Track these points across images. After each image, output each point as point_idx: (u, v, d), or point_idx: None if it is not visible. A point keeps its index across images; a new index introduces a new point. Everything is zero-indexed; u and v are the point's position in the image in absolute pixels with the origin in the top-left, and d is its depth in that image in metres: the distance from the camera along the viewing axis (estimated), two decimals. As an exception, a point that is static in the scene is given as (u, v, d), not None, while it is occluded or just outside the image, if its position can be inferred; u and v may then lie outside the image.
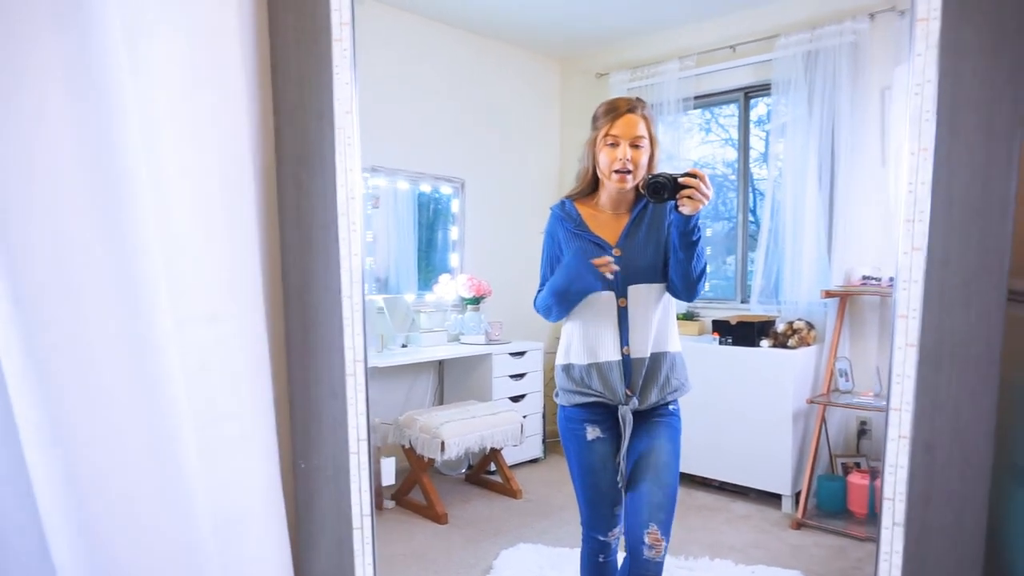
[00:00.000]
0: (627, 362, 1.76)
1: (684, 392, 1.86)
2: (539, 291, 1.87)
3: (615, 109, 1.74)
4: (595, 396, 1.78)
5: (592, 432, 1.80)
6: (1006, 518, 1.28)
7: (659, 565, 1.68)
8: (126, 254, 1.17)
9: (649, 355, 1.78)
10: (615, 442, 1.81)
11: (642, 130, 1.73)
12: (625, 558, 1.75)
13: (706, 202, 1.62)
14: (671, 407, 1.84)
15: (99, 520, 1.20)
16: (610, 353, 1.77)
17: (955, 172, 1.19)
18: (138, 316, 1.20)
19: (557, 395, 1.89)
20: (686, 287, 1.75)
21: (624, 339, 1.76)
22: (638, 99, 1.77)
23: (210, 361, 1.30)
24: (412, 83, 4.12)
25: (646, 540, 1.66)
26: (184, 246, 1.26)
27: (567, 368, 1.83)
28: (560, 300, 1.76)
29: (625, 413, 1.75)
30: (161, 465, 1.25)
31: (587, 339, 1.79)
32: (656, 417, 1.81)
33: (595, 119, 1.79)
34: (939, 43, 1.17)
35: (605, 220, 1.82)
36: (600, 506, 1.82)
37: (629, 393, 1.76)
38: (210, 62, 1.27)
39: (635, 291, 1.76)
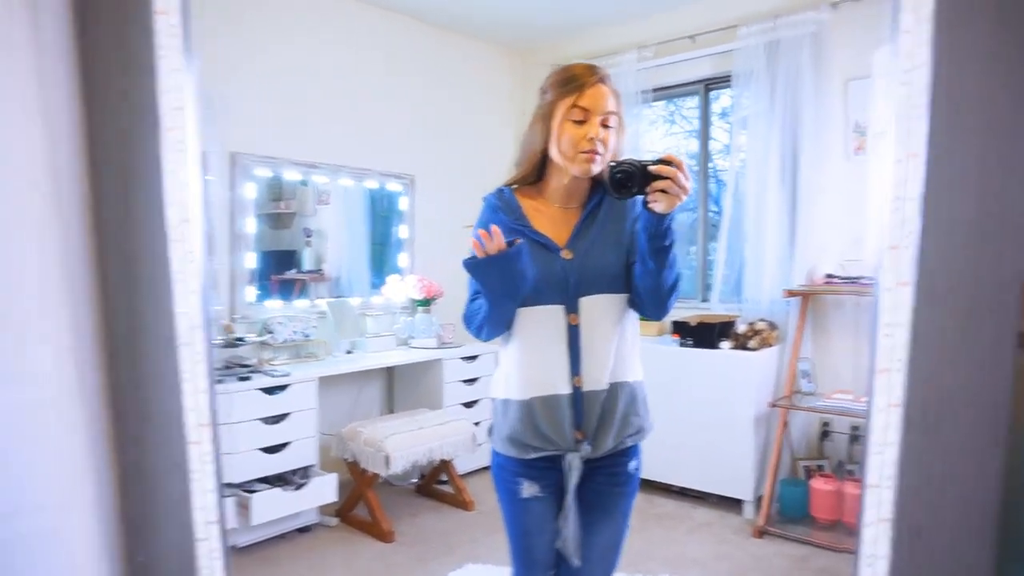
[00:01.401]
0: (578, 397, 1.35)
1: (645, 435, 1.45)
2: (469, 301, 1.46)
3: (578, 77, 1.32)
4: (535, 451, 1.38)
5: (528, 489, 1.41)
6: (1013, 620, 0.99)
7: None
8: None
9: (607, 386, 1.37)
10: (556, 500, 1.43)
11: (613, 105, 1.34)
12: None
13: (684, 197, 1.22)
14: (632, 464, 1.45)
15: None
16: (557, 385, 1.35)
17: (952, 185, 0.87)
18: None
19: (490, 432, 1.50)
20: (655, 302, 1.34)
21: (575, 367, 1.35)
22: (599, 66, 1.36)
23: (8, 436, 0.96)
24: (354, 73, 3.73)
25: None
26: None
27: (504, 405, 1.43)
28: (490, 312, 1.35)
29: (572, 460, 1.37)
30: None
31: (528, 367, 1.38)
32: (616, 486, 1.43)
33: (547, 90, 1.37)
34: (934, 15, 0.85)
35: (552, 215, 1.41)
36: (533, 569, 1.47)
37: (579, 437, 1.37)
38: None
39: (589, 304, 1.35)
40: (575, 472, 1.37)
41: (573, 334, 1.35)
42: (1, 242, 0.93)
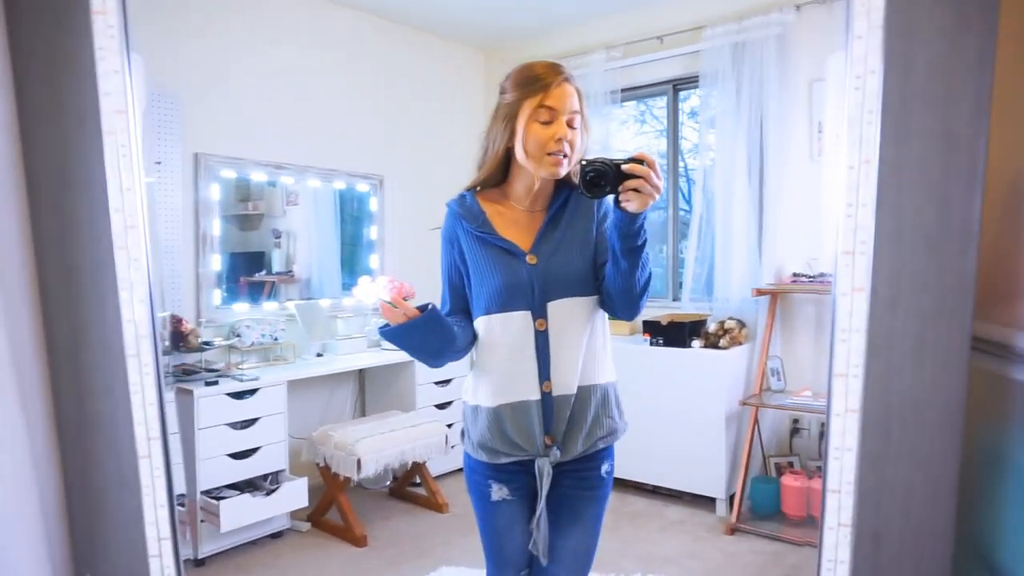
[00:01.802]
0: (547, 402, 1.34)
1: (618, 436, 1.44)
2: (444, 311, 1.44)
3: (542, 77, 1.28)
4: (504, 456, 1.37)
5: (498, 492, 1.40)
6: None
7: None
8: None
9: (575, 391, 1.35)
10: (526, 503, 1.42)
11: (577, 104, 1.30)
12: None
13: (657, 196, 1.19)
14: (604, 468, 1.43)
15: None
16: (526, 391, 1.33)
17: (905, 190, 0.87)
18: None
19: (462, 435, 1.48)
20: (627, 303, 1.31)
21: (544, 372, 1.33)
22: (562, 65, 1.33)
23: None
24: (320, 72, 3.67)
25: None
26: None
27: (474, 411, 1.42)
28: (429, 363, 1.37)
29: (543, 466, 1.35)
30: None
31: (496, 373, 1.36)
32: (587, 491, 1.41)
33: (507, 90, 1.33)
34: (884, 23, 0.84)
35: (517, 218, 1.39)
36: (504, 569, 1.46)
37: (548, 442, 1.35)
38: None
39: (557, 309, 1.32)
40: (546, 478, 1.35)
41: (541, 340, 1.33)
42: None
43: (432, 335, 1.30)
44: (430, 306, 1.28)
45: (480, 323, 1.38)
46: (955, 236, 0.87)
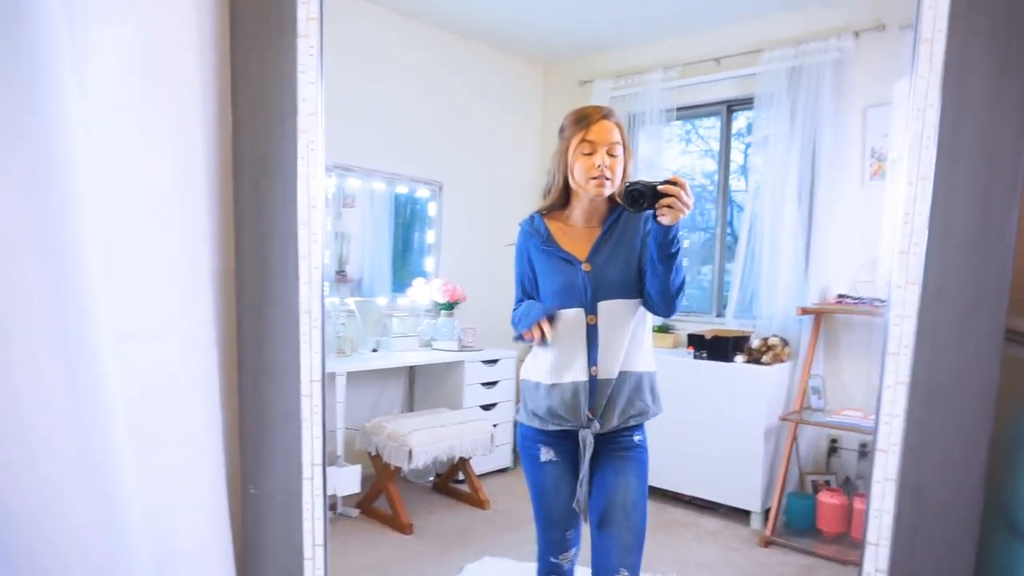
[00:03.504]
0: (593, 383, 1.66)
1: (649, 416, 1.74)
2: (515, 307, 1.79)
3: (586, 116, 1.64)
4: (553, 425, 1.69)
5: (546, 454, 1.72)
6: (992, 570, 1.21)
7: None
8: (59, 263, 1.04)
9: (616, 375, 1.67)
10: (570, 466, 1.72)
11: (616, 136, 1.64)
12: None
13: (687, 211, 1.50)
14: (636, 438, 1.73)
15: (26, 561, 1.08)
16: (577, 374, 1.66)
17: (954, 202, 1.11)
18: (73, 332, 1.07)
19: (518, 410, 1.81)
20: (664, 302, 1.64)
21: (592, 359, 1.65)
22: (606, 107, 1.69)
23: (153, 381, 1.18)
24: (391, 82, 3.99)
25: None
26: (128, 255, 1.14)
27: (535, 387, 1.74)
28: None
29: (585, 436, 1.66)
30: (97, 497, 1.12)
31: (554, 358, 1.68)
32: (623, 451, 1.70)
33: (564, 129, 1.69)
34: (943, 67, 1.09)
35: (576, 234, 1.73)
36: (551, 530, 1.75)
37: (590, 416, 1.66)
38: (162, 55, 1.15)
39: (606, 308, 1.65)
40: (588, 446, 1.66)
41: (591, 332, 1.66)
42: (170, 223, 1.16)
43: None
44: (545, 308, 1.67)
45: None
46: (994, 241, 1.10)
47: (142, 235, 1.17)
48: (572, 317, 1.66)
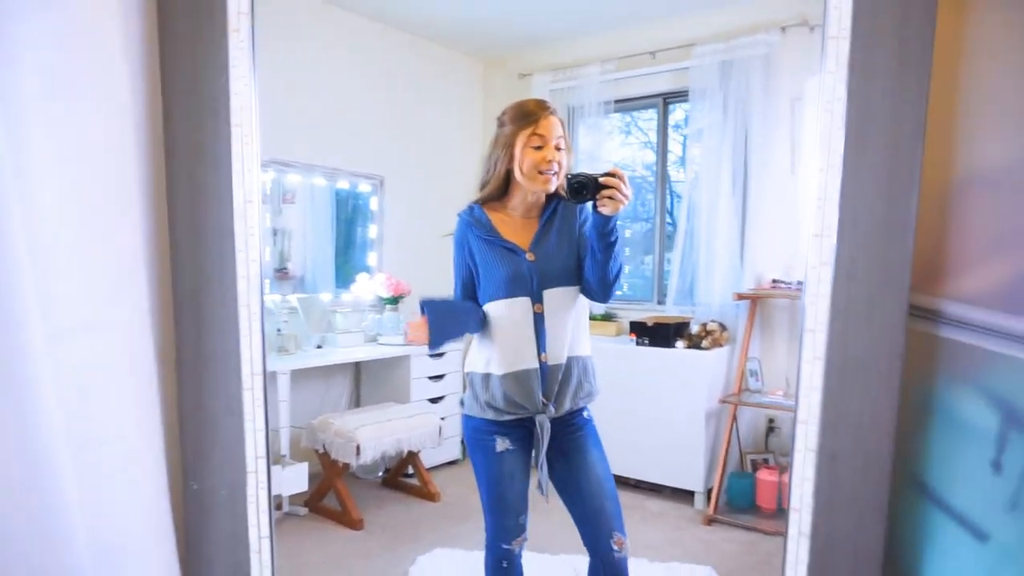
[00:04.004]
0: (544, 369, 1.71)
1: (594, 398, 1.82)
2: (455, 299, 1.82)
3: (533, 112, 1.69)
4: (510, 414, 1.73)
5: (502, 444, 1.75)
6: (903, 525, 1.31)
7: (626, 558, 1.73)
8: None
9: (565, 360, 1.73)
10: (525, 453, 1.78)
11: (561, 132, 1.70)
12: (593, 564, 1.76)
13: (626, 202, 1.58)
14: (585, 415, 1.81)
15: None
16: (528, 361, 1.71)
17: (861, 189, 1.20)
18: (3, 329, 1.06)
19: (462, 403, 1.83)
20: (602, 288, 1.71)
21: (541, 346, 1.71)
22: (547, 101, 1.74)
23: (89, 376, 1.17)
24: (329, 76, 3.96)
25: (614, 547, 1.70)
26: (57, 249, 1.13)
27: (484, 378, 1.77)
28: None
29: (543, 421, 1.71)
30: (33, 492, 1.12)
31: (504, 348, 1.72)
32: (578, 430, 1.78)
33: (505, 122, 1.73)
34: (848, 62, 1.18)
35: (516, 225, 1.78)
36: (506, 517, 1.79)
37: (545, 401, 1.72)
38: (87, 48, 1.14)
39: (551, 295, 1.71)
40: (546, 431, 1.72)
41: (538, 320, 1.71)
42: (101, 214, 1.16)
43: (450, 316, 1.72)
44: (423, 304, 1.69)
45: (489, 308, 1.76)
46: (897, 224, 1.20)
47: (71, 228, 1.16)
48: (519, 306, 1.70)
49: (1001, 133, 1.25)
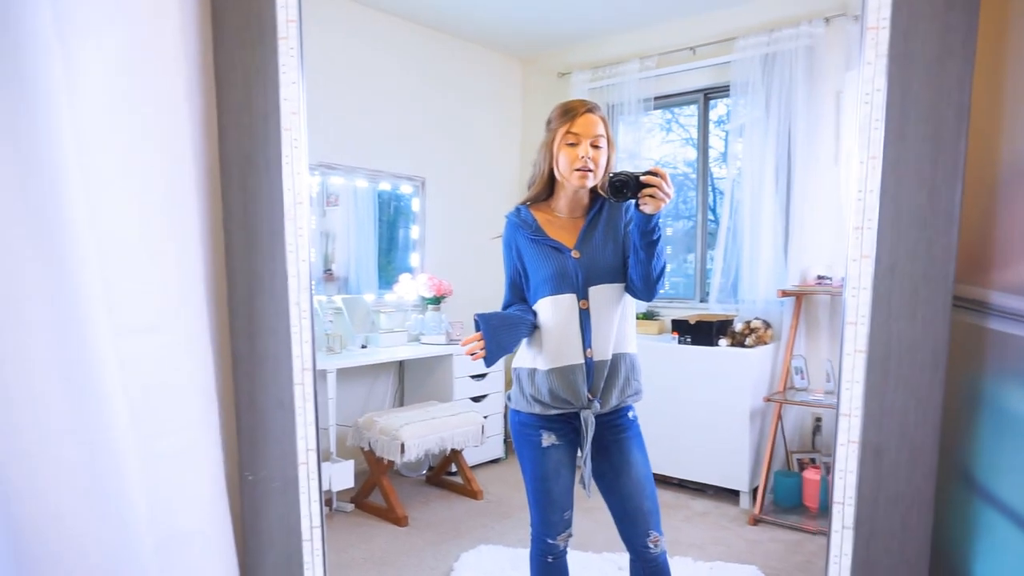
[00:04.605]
0: (590, 365, 1.74)
1: (639, 397, 1.84)
2: (504, 302, 1.87)
3: (572, 109, 1.72)
4: (556, 409, 1.76)
5: (548, 439, 1.78)
6: (951, 520, 1.30)
7: (664, 554, 1.77)
8: (58, 262, 1.11)
9: (611, 357, 1.76)
10: (571, 448, 1.81)
11: (601, 130, 1.72)
12: (632, 560, 1.80)
13: (668, 201, 1.59)
14: (631, 415, 1.83)
15: (31, 537, 1.14)
16: (573, 357, 1.73)
17: (903, 181, 1.20)
18: (73, 327, 1.14)
19: (509, 398, 1.87)
20: (646, 287, 1.73)
21: (587, 342, 1.73)
22: (591, 101, 1.76)
23: (152, 372, 1.24)
24: (370, 79, 4.05)
25: (650, 545, 1.73)
26: (122, 253, 1.20)
27: (531, 373, 1.80)
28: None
29: (587, 417, 1.74)
30: (100, 481, 1.19)
31: (550, 344, 1.75)
32: (622, 429, 1.80)
33: (550, 122, 1.77)
34: (888, 52, 1.18)
35: (562, 224, 1.81)
36: (551, 512, 1.81)
37: (591, 397, 1.74)
38: (149, 61, 1.21)
39: (596, 292, 1.74)
40: (591, 427, 1.74)
41: (584, 316, 1.74)
42: (161, 221, 1.23)
43: (504, 329, 1.74)
44: (478, 319, 1.72)
45: (538, 305, 1.79)
46: (941, 216, 1.19)
47: (136, 234, 1.24)
48: (565, 303, 1.74)
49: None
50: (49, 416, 1.15)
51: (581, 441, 1.77)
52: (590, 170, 1.71)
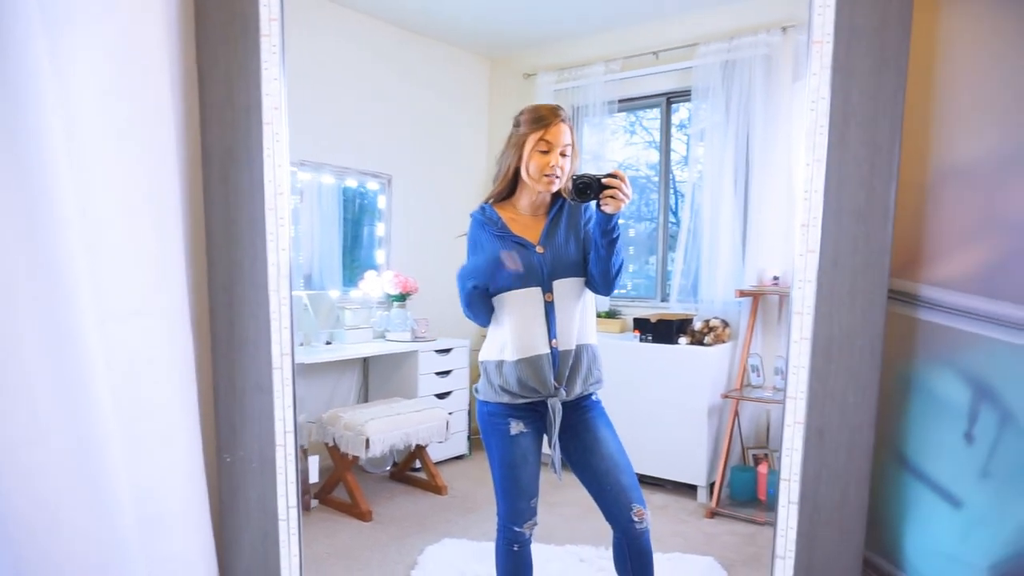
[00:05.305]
0: (555, 354, 1.84)
1: (602, 385, 1.96)
2: (464, 304, 1.92)
3: (545, 117, 1.82)
4: (524, 398, 1.85)
5: (516, 427, 1.88)
6: (885, 494, 1.43)
7: (648, 530, 1.86)
8: (44, 249, 1.16)
9: (574, 347, 1.86)
10: (538, 436, 1.91)
11: (569, 139, 1.84)
12: (616, 538, 1.88)
13: (627, 202, 1.72)
14: (594, 398, 1.94)
15: (19, 522, 1.19)
16: (540, 347, 1.84)
17: (844, 181, 1.32)
18: (58, 313, 1.19)
19: (477, 390, 1.96)
20: (605, 282, 1.85)
21: (552, 332, 1.84)
22: (561, 108, 1.87)
23: (134, 356, 1.30)
24: (337, 76, 4.10)
25: (634, 519, 1.83)
26: (106, 241, 1.26)
27: (498, 365, 1.89)
28: (471, 291, 1.84)
29: (555, 404, 1.84)
30: (85, 463, 1.24)
31: (517, 335, 1.85)
32: (588, 412, 1.91)
33: (519, 124, 1.86)
34: (832, 64, 1.30)
35: (525, 222, 1.91)
36: (519, 500, 1.90)
37: (557, 385, 1.85)
38: (134, 53, 1.26)
39: (560, 286, 1.85)
40: (558, 414, 1.85)
41: (549, 308, 1.85)
42: (145, 210, 1.29)
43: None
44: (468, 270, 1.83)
45: (504, 298, 1.88)
46: (878, 214, 1.32)
47: (120, 222, 1.29)
48: (531, 296, 1.84)
49: (976, 126, 1.37)
50: (34, 401, 1.20)
51: (548, 429, 1.87)
52: (558, 176, 1.83)
